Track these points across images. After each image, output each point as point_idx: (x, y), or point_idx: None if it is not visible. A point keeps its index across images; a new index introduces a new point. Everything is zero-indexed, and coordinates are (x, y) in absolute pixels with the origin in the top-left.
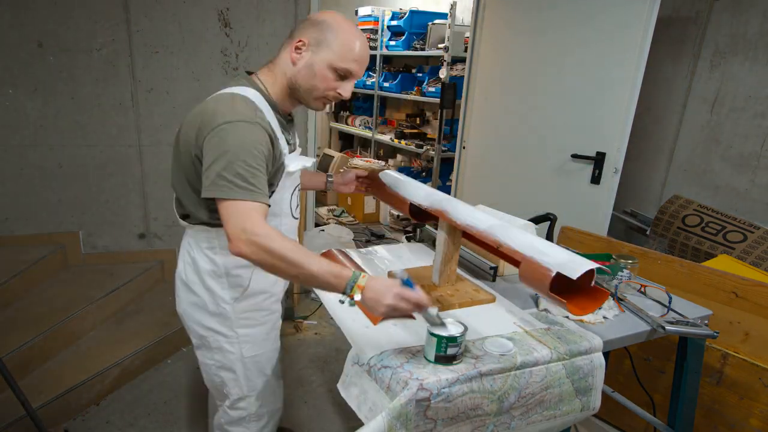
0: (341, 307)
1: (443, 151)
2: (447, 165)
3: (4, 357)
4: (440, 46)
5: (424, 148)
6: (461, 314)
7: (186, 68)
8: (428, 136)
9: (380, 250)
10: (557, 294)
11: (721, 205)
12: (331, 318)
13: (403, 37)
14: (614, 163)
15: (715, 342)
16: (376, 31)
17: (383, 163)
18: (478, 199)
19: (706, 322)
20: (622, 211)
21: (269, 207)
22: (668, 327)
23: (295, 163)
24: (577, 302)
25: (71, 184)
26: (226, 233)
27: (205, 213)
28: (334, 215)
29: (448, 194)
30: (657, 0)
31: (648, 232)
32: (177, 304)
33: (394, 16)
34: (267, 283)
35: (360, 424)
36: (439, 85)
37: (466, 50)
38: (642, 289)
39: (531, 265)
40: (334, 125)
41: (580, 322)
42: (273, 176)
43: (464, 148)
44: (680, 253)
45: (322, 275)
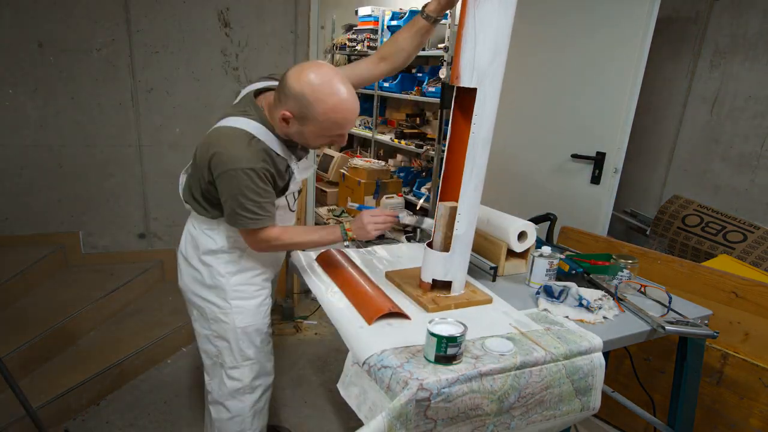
0: (337, 308)
1: (443, 151)
2: None
3: (4, 357)
4: (440, 46)
5: (424, 148)
6: (457, 315)
7: (186, 68)
8: (428, 136)
9: (380, 251)
10: None
11: (721, 205)
12: None
13: None
14: (614, 163)
15: (715, 342)
16: (376, 31)
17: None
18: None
19: (706, 322)
20: (622, 211)
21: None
22: (668, 327)
23: (302, 174)
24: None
25: (71, 184)
26: (248, 244)
27: (208, 210)
28: (334, 215)
29: None
30: (657, 0)
31: (648, 232)
32: (179, 278)
33: (394, 16)
34: (257, 261)
35: (360, 424)
36: (439, 85)
37: None
38: (642, 289)
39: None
40: None
41: (580, 322)
42: (284, 189)
43: None
44: (680, 253)
45: (323, 239)
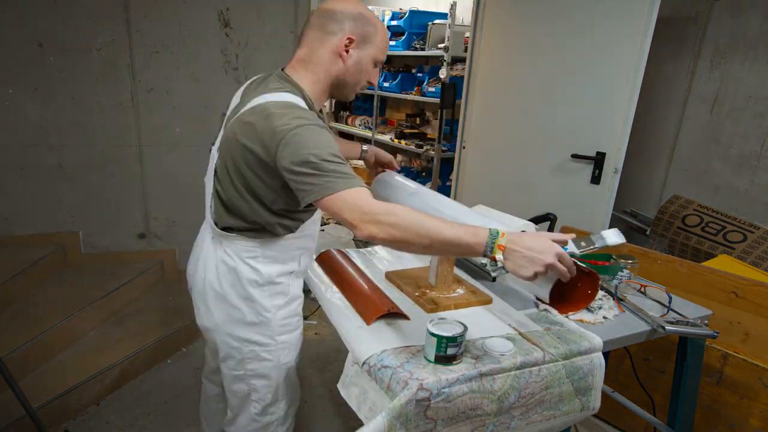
0: (337, 308)
1: (443, 151)
2: (447, 165)
3: (4, 357)
4: (440, 46)
5: (424, 148)
6: (456, 316)
7: (186, 68)
8: (428, 136)
9: (380, 251)
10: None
11: (721, 205)
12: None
13: (403, 37)
14: (614, 163)
15: (715, 342)
16: None
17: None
18: (478, 199)
19: (706, 322)
20: (622, 211)
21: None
22: (668, 327)
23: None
24: (567, 302)
25: (71, 184)
26: (347, 224)
27: (270, 218)
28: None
29: (448, 194)
30: (657, 0)
31: (648, 232)
32: (205, 317)
33: (394, 16)
34: (300, 288)
35: (360, 424)
36: (439, 85)
37: (466, 50)
38: (642, 289)
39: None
40: (334, 125)
41: (580, 322)
42: None
43: (464, 148)
44: (680, 253)
45: (458, 239)
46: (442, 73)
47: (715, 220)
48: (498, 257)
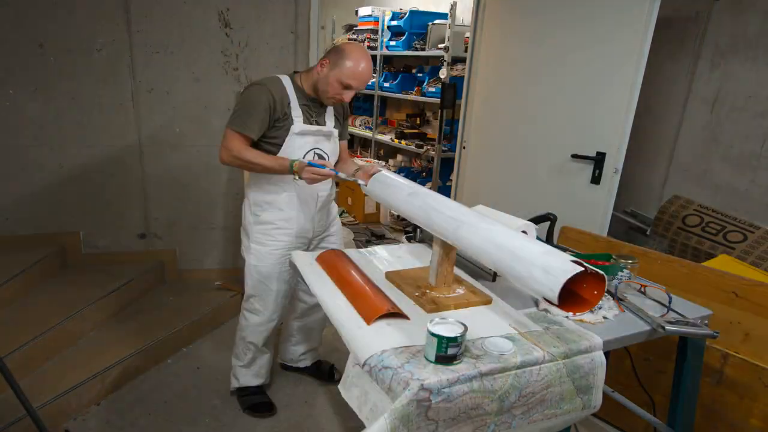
0: (337, 308)
1: (443, 151)
2: (447, 165)
3: (5, 357)
4: (440, 46)
5: (424, 148)
6: (456, 316)
7: (186, 68)
8: (428, 136)
9: (380, 251)
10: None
11: (721, 205)
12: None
13: (404, 38)
14: (614, 163)
15: (715, 342)
16: (376, 31)
17: (383, 163)
18: (478, 199)
19: (706, 322)
20: (622, 211)
21: (252, 139)
22: (668, 327)
23: (302, 127)
24: (572, 301)
25: (71, 184)
26: (221, 148)
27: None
28: None
29: (448, 195)
30: (657, 0)
31: (648, 232)
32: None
33: (394, 16)
34: (275, 217)
35: (360, 424)
36: (439, 85)
37: (466, 50)
38: (642, 289)
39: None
40: None
41: (580, 322)
42: (276, 129)
43: (464, 148)
44: (680, 253)
45: (270, 164)
46: (442, 73)
47: (715, 220)
48: (296, 170)
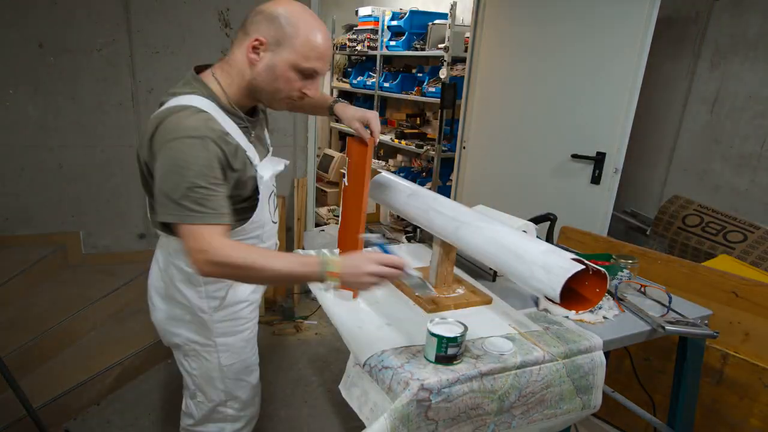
0: (337, 307)
1: (443, 151)
2: (447, 165)
3: (5, 357)
4: (440, 46)
5: (424, 148)
6: (457, 315)
7: (186, 69)
8: (428, 136)
9: None
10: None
11: (721, 205)
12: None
13: (403, 37)
14: (614, 163)
15: (715, 342)
16: (376, 31)
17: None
18: (478, 199)
19: (706, 322)
20: (622, 211)
21: (228, 225)
22: (668, 327)
23: (268, 170)
24: (574, 300)
25: (72, 184)
26: (187, 256)
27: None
28: (334, 215)
29: (448, 195)
30: (657, 0)
31: (648, 232)
32: (152, 314)
33: (394, 16)
34: (245, 292)
35: (360, 424)
36: (439, 85)
37: (466, 50)
38: (642, 289)
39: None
40: (334, 125)
41: (580, 321)
42: (245, 188)
43: (464, 148)
44: (680, 253)
45: (289, 269)
46: (442, 73)
47: (715, 220)
48: (335, 283)
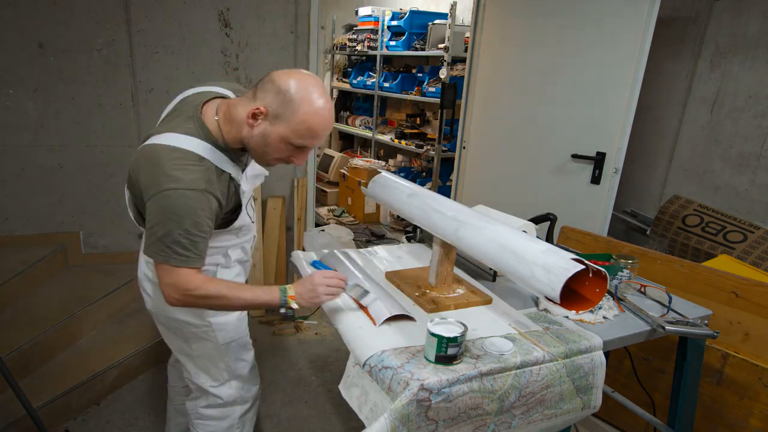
0: (338, 308)
1: (443, 151)
2: (447, 165)
3: (5, 357)
4: (440, 46)
5: (424, 148)
6: (456, 316)
7: (186, 68)
8: (428, 136)
9: (380, 251)
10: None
11: (721, 205)
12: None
13: (404, 38)
14: (614, 163)
15: (715, 342)
16: (376, 31)
17: (383, 164)
18: (478, 199)
19: (706, 322)
20: (622, 211)
21: (203, 266)
22: (668, 327)
23: (249, 185)
24: (574, 300)
25: (72, 184)
26: (161, 287)
27: None
28: (334, 215)
29: (448, 195)
30: (657, 0)
31: (648, 232)
32: (148, 303)
33: (394, 16)
34: (230, 275)
35: (360, 424)
36: (439, 85)
37: (466, 50)
38: (642, 289)
39: None
40: (335, 125)
41: (580, 322)
42: (235, 210)
43: (464, 148)
44: (680, 253)
45: (255, 299)
46: (442, 73)
47: (715, 220)
48: (293, 305)
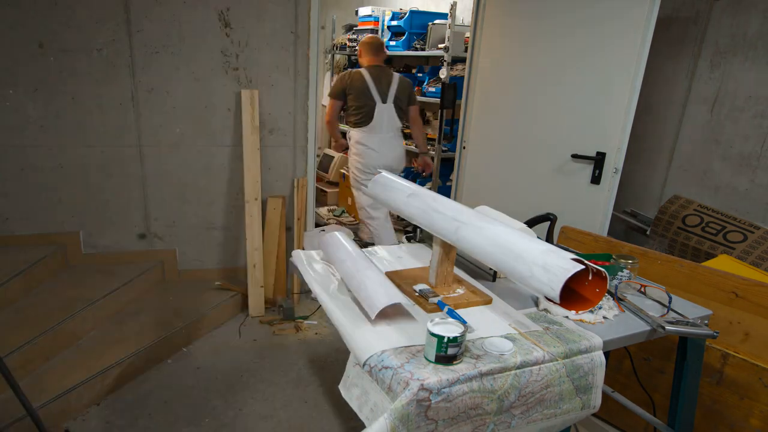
0: (338, 308)
1: (443, 151)
2: (447, 165)
3: (5, 357)
4: (440, 46)
5: None
6: None
7: (186, 68)
8: (428, 136)
9: (380, 251)
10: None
11: (721, 205)
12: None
13: (404, 37)
14: (614, 163)
15: (715, 342)
16: (376, 31)
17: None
18: (478, 199)
19: (706, 322)
20: (622, 211)
21: None
22: (668, 327)
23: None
24: (574, 300)
25: (72, 184)
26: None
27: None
28: (334, 215)
29: (448, 195)
30: (657, 0)
31: (648, 232)
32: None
33: (394, 16)
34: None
35: (360, 424)
36: (439, 85)
37: (466, 50)
38: (642, 289)
39: None
40: None
41: (580, 322)
42: None
43: (464, 148)
44: (680, 253)
45: None
46: (442, 73)
47: (715, 220)
48: None
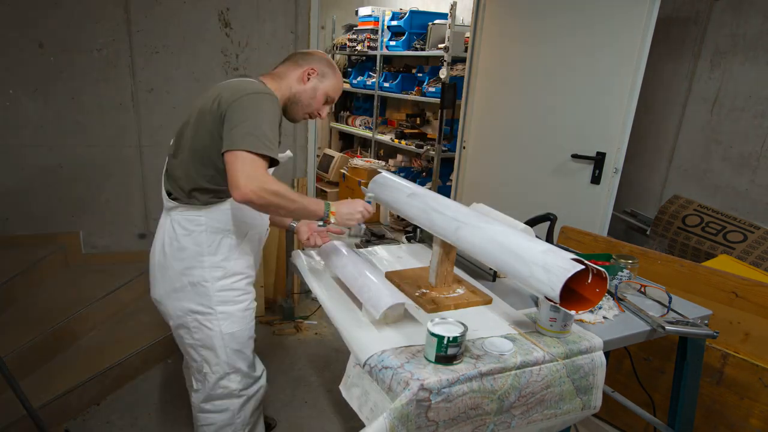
0: (338, 308)
1: (443, 151)
2: (447, 165)
3: (5, 357)
4: (440, 46)
5: (424, 148)
6: (457, 315)
7: (186, 68)
8: (428, 136)
9: (380, 251)
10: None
11: (721, 205)
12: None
13: (403, 37)
14: (614, 163)
15: (715, 342)
16: (376, 31)
17: (383, 164)
18: (478, 199)
19: (706, 322)
20: (622, 211)
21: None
22: (668, 327)
23: (283, 155)
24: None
25: (72, 184)
26: (235, 182)
27: (201, 193)
28: None
29: (448, 195)
30: (657, 0)
31: (648, 232)
32: (152, 289)
33: (394, 16)
34: (243, 266)
35: (360, 424)
36: (439, 85)
37: (466, 50)
38: (642, 289)
39: None
40: (335, 125)
41: (580, 322)
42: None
43: (464, 148)
44: (680, 253)
45: (307, 205)
46: (442, 73)
47: (715, 220)
48: (332, 220)
